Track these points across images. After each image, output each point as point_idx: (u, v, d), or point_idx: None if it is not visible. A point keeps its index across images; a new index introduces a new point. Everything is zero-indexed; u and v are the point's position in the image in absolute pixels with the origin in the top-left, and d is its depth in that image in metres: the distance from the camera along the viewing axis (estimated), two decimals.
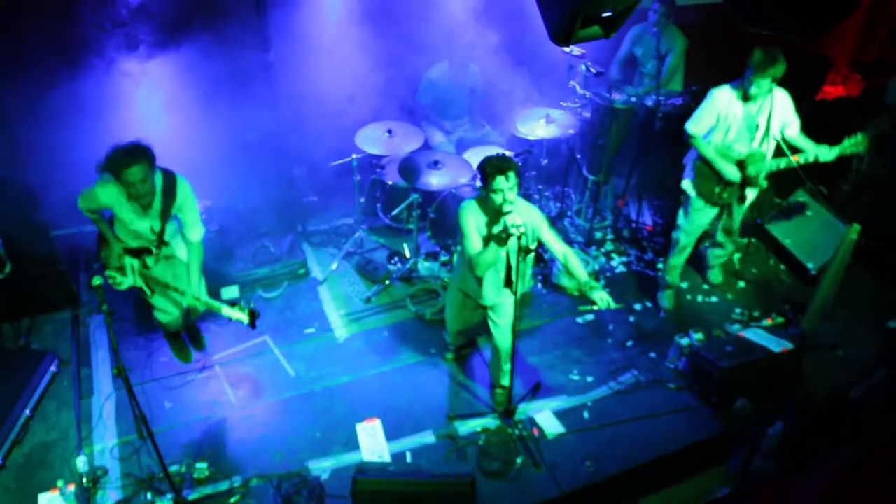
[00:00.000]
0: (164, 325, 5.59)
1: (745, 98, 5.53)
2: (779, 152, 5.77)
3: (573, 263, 4.99)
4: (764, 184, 5.86)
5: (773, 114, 5.59)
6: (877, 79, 8.27)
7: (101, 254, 4.94)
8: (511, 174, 4.59)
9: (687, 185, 6.03)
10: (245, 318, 4.86)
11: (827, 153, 5.58)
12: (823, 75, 8.85)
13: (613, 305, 4.88)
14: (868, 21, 8.93)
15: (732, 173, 5.73)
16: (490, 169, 4.60)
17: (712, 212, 6.07)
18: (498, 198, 4.61)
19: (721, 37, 6.55)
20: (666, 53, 7.47)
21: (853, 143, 5.52)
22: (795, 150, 5.72)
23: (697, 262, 7.00)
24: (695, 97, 7.01)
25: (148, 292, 5.05)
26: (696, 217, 6.08)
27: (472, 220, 4.82)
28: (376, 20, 7.16)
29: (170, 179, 4.75)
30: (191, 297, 4.99)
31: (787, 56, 5.27)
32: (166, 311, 5.41)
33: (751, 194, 6.03)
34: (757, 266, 7.23)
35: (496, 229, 4.74)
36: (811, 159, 5.61)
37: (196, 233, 4.95)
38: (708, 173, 5.84)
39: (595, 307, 4.90)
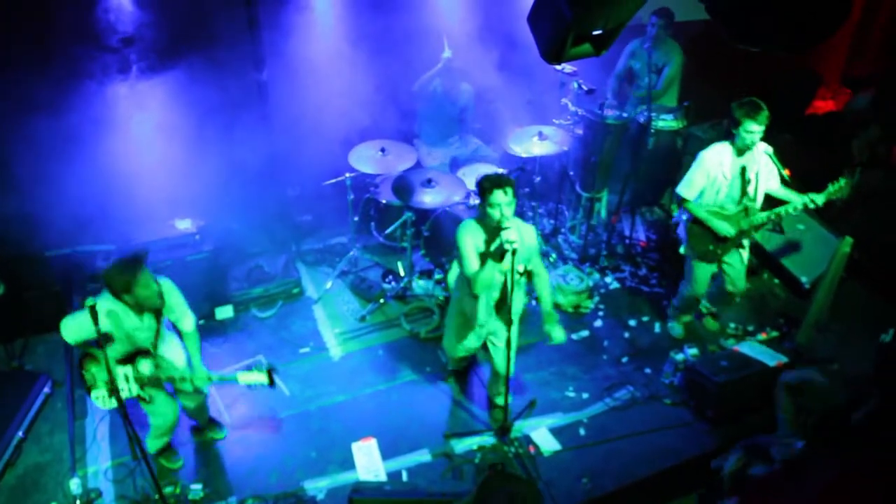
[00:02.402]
0: (159, 437, 5.23)
1: (741, 153, 5.56)
2: (768, 203, 5.79)
3: (542, 285, 5.15)
4: (757, 236, 5.88)
5: (762, 168, 5.63)
6: (867, 94, 8.33)
7: (85, 375, 4.76)
8: (509, 189, 4.61)
9: (684, 249, 6.06)
10: (264, 378, 4.85)
11: (814, 200, 5.58)
12: (814, 91, 8.93)
13: (562, 340, 5.16)
14: (857, 37, 9.02)
15: (726, 230, 5.74)
16: (488, 184, 4.64)
17: (711, 268, 6.06)
18: (495, 213, 4.63)
19: (713, 51, 6.61)
20: (662, 67, 7.53)
21: (837, 189, 5.52)
22: (781, 203, 5.74)
23: None
24: (688, 113, 7.06)
25: (147, 398, 4.96)
26: (699, 275, 6.06)
27: (470, 240, 4.82)
28: (369, 40, 7.21)
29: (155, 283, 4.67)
30: (201, 378, 4.89)
31: (777, 72, 5.31)
32: (166, 416, 5.08)
33: (746, 245, 6.04)
34: (751, 280, 7.24)
35: (492, 247, 4.75)
36: (800, 208, 5.62)
37: (189, 322, 4.86)
38: (700, 232, 5.86)
39: (549, 342, 5.11)
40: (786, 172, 5.71)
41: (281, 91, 7.09)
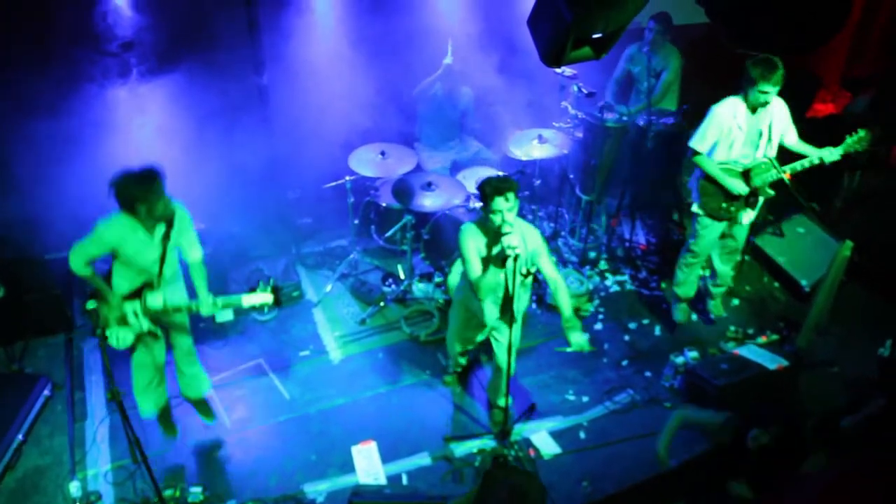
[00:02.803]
0: (145, 389, 5.24)
1: (754, 111, 5.55)
2: (781, 160, 5.76)
3: (561, 295, 5.00)
4: (771, 192, 5.82)
5: (775, 121, 5.62)
6: (865, 96, 8.33)
7: (99, 313, 4.83)
8: (510, 195, 4.59)
9: (695, 207, 6.04)
10: (269, 297, 4.81)
11: (831, 154, 5.55)
12: (813, 93, 8.93)
13: (587, 348, 4.97)
14: (856, 40, 9.02)
15: (739, 187, 5.72)
16: (489, 189, 4.61)
17: (720, 227, 6.05)
18: (497, 218, 4.62)
19: (713, 54, 6.61)
20: (661, 71, 7.53)
21: (856, 140, 5.50)
22: (796, 157, 5.71)
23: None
24: (686, 116, 7.06)
25: (158, 333, 4.97)
26: (706, 234, 6.06)
27: (472, 244, 4.81)
28: (369, 43, 7.22)
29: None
30: (207, 305, 4.88)
31: None
32: (155, 359, 5.14)
33: (758, 203, 6.03)
34: (751, 283, 7.24)
35: (494, 251, 4.74)
36: (816, 162, 5.58)
37: (197, 253, 4.93)
38: (713, 190, 5.84)
39: (567, 349, 4.94)
40: (786, 176, 5.70)
41: (281, 94, 7.10)
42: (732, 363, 5.73)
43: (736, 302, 7.01)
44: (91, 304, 4.83)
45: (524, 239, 4.74)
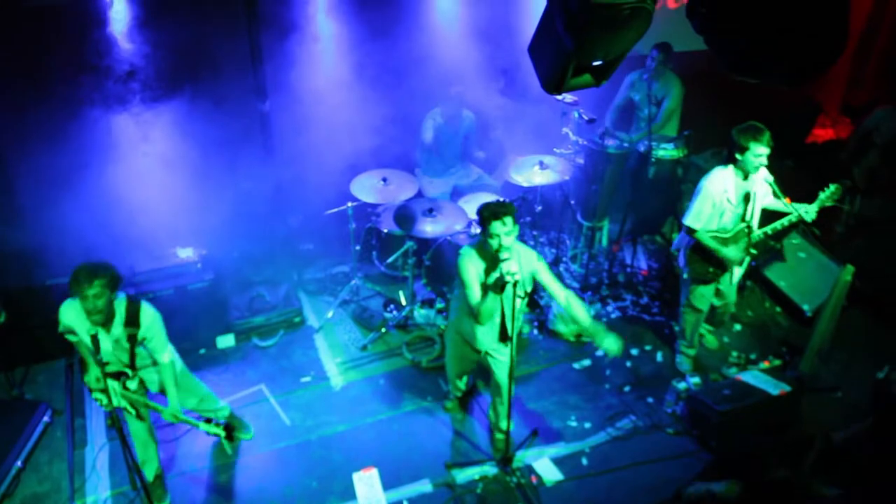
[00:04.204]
0: (142, 453, 5.17)
1: (746, 177, 5.58)
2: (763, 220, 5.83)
3: (575, 307, 5.01)
4: (755, 252, 5.93)
5: (758, 184, 5.66)
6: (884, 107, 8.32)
7: (84, 378, 4.87)
8: (508, 219, 4.61)
9: (685, 275, 6.07)
10: (221, 432, 4.78)
11: (807, 212, 5.60)
12: (813, 119, 8.98)
13: (619, 352, 5.00)
14: (854, 67, 9.09)
15: (734, 255, 5.76)
16: (487, 214, 4.64)
17: (711, 288, 6.07)
18: (495, 243, 4.63)
19: (714, 81, 6.66)
20: (662, 99, 7.58)
21: (828, 196, 5.58)
22: (778, 215, 5.77)
23: None
24: (687, 142, 7.10)
25: (133, 412, 4.96)
26: (698, 295, 6.08)
27: (472, 269, 4.82)
28: (371, 70, 7.27)
29: (134, 307, 4.63)
30: (169, 414, 4.86)
31: (778, 101, 5.34)
32: (140, 435, 5.08)
33: (744, 263, 6.06)
34: (753, 309, 7.24)
35: (493, 278, 4.74)
36: (795, 220, 5.66)
37: (165, 356, 4.84)
38: (700, 259, 5.88)
39: (609, 356, 4.93)
40: (786, 200, 5.72)
41: (283, 120, 7.15)
42: (735, 389, 5.71)
43: (738, 327, 7.00)
44: (91, 331, 4.84)
45: (520, 262, 4.75)
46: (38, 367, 6.35)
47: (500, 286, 4.63)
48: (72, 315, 4.56)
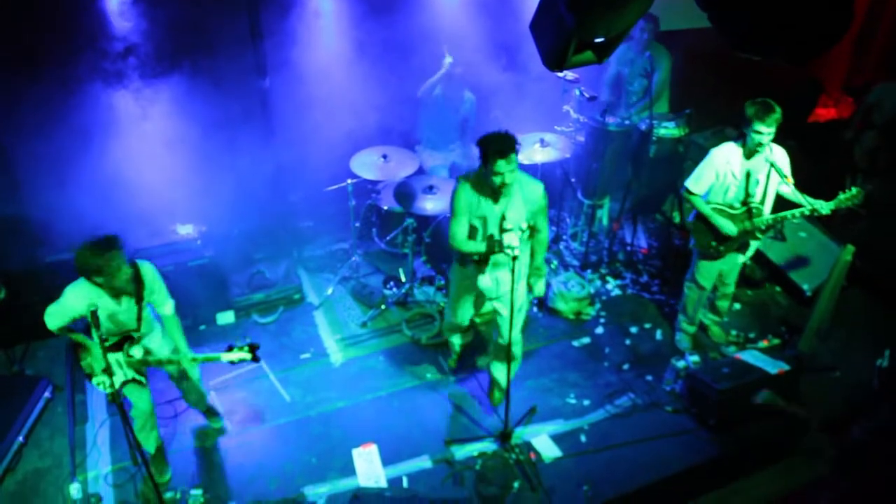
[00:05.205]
0: (142, 428, 5.13)
1: (749, 155, 5.55)
2: (778, 206, 5.77)
3: (538, 244, 5.10)
4: (762, 238, 5.88)
5: (772, 170, 5.61)
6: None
7: (82, 364, 4.85)
8: (513, 156, 4.55)
9: (692, 243, 6.06)
10: (247, 355, 4.82)
11: (823, 206, 5.56)
12: (815, 99, 8.93)
13: (540, 293, 5.40)
14: (858, 46, 9.02)
15: (729, 228, 5.73)
16: (491, 150, 4.54)
17: (715, 266, 6.06)
18: (497, 180, 4.59)
19: (716, 59, 6.62)
20: (652, 72, 7.50)
21: (847, 198, 5.52)
22: (792, 205, 5.72)
23: None
24: (688, 121, 7.06)
25: (143, 381, 4.97)
26: (702, 271, 6.07)
27: (464, 200, 4.78)
28: (372, 47, 7.21)
29: (134, 266, 4.64)
30: (187, 360, 4.91)
31: (779, 80, 5.30)
32: (143, 405, 5.05)
33: (751, 246, 6.05)
34: (752, 288, 7.24)
35: (488, 210, 4.70)
36: (808, 213, 5.60)
37: (168, 307, 4.87)
38: (703, 229, 5.86)
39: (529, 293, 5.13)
40: (788, 181, 5.70)
41: (283, 97, 7.10)
42: (734, 367, 5.72)
43: (737, 306, 7.00)
44: (92, 307, 4.84)
45: (524, 194, 4.69)
46: (39, 344, 6.36)
47: (497, 252, 4.61)
48: (80, 297, 4.50)
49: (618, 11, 3.52)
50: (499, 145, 4.52)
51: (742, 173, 5.59)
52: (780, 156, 5.62)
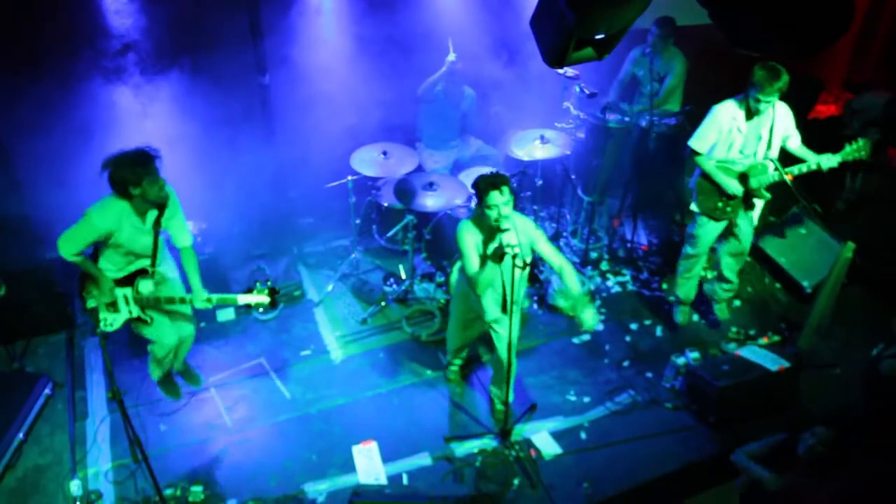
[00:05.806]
0: (160, 362, 5.41)
1: (750, 115, 5.56)
2: (782, 163, 5.76)
3: (568, 274, 5.00)
4: (768, 196, 5.84)
5: (776, 126, 5.63)
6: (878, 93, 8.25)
7: (88, 294, 4.81)
8: (505, 189, 4.62)
9: (693, 205, 6.06)
10: (265, 298, 4.77)
11: (829, 160, 5.57)
12: (816, 95, 8.92)
13: (595, 327, 5.16)
14: (858, 44, 9.01)
15: (734, 187, 5.74)
16: (483, 185, 4.64)
17: (717, 228, 6.06)
18: (493, 213, 4.63)
19: (717, 55, 6.62)
20: (665, 75, 7.48)
21: (854, 149, 5.52)
22: (797, 160, 5.72)
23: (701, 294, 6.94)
24: (689, 117, 7.05)
25: (147, 319, 4.95)
26: (702, 234, 6.08)
27: (471, 240, 4.83)
28: (372, 44, 7.21)
29: None
30: (200, 299, 4.92)
31: None
32: (165, 339, 5.20)
33: (757, 206, 6.04)
34: (752, 284, 7.24)
35: (492, 248, 4.75)
36: (814, 168, 5.60)
37: (187, 238, 4.91)
38: (709, 189, 5.86)
39: (582, 327, 4.97)
40: (788, 178, 5.70)
41: (283, 94, 7.10)
42: (734, 364, 5.72)
43: (738, 303, 7.00)
44: (91, 303, 4.83)
45: (518, 231, 4.74)
46: (39, 340, 6.36)
47: (499, 256, 4.64)
48: (108, 214, 4.54)
49: (618, 8, 3.51)
50: (492, 179, 4.65)
51: (748, 129, 5.59)
52: (784, 111, 5.63)
